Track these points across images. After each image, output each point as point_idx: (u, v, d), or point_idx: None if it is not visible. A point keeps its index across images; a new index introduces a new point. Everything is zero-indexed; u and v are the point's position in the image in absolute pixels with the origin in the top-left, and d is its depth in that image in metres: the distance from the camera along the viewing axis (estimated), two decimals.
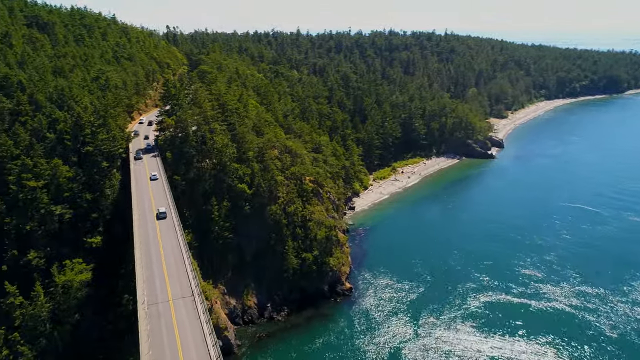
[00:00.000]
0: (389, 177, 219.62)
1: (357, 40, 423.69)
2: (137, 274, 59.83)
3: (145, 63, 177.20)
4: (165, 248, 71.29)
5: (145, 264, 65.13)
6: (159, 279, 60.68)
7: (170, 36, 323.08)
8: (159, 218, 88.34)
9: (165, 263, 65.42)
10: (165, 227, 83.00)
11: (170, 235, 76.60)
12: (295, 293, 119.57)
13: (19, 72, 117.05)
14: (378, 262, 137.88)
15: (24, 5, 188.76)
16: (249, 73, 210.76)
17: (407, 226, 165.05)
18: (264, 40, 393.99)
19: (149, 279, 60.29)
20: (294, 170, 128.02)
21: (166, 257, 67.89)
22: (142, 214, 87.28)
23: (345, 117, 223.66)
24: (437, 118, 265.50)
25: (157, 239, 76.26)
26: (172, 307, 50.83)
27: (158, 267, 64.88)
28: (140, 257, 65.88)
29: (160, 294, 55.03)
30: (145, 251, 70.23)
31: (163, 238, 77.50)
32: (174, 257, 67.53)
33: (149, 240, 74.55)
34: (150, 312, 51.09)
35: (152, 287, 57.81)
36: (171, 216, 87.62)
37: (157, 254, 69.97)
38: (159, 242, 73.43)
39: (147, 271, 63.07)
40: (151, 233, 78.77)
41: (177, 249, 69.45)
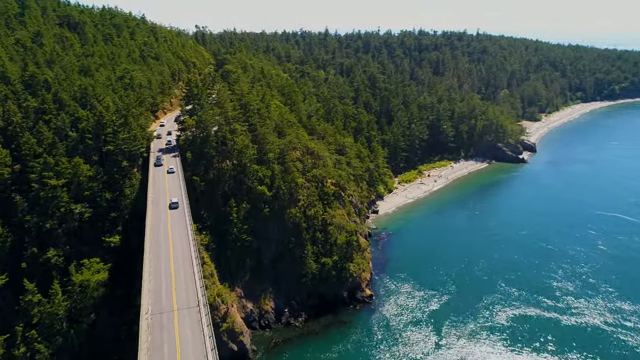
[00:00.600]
0: (414, 180, 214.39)
1: (386, 40, 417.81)
2: (145, 261, 58.81)
3: (171, 62, 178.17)
4: (175, 242, 69.90)
5: (154, 254, 64.16)
6: (165, 277, 60.80)
7: (199, 36, 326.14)
8: (171, 208, 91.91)
9: (173, 256, 64.00)
10: (176, 217, 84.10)
11: (181, 227, 75.20)
12: (314, 298, 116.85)
13: (46, 71, 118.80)
14: (400, 269, 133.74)
15: (57, 6, 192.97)
16: (274, 73, 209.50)
17: (431, 232, 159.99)
18: (292, 40, 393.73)
19: (155, 271, 60.08)
20: (316, 173, 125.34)
21: (174, 249, 66.68)
22: (155, 203, 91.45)
23: (371, 118, 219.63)
24: (466, 120, 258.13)
25: (167, 230, 77.00)
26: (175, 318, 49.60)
27: (165, 258, 65.59)
28: (150, 248, 65.05)
29: (165, 298, 54.14)
30: (155, 242, 69.54)
31: (173, 228, 78.30)
32: (181, 250, 65.83)
33: (159, 231, 74.01)
34: (153, 322, 49.83)
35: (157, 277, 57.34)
36: (183, 206, 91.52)
37: (165, 243, 69.39)
38: (168, 233, 72.53)
39: (155, 262, 62.09)
40: (163, 221, 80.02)
41: (186, 243, 67.73)
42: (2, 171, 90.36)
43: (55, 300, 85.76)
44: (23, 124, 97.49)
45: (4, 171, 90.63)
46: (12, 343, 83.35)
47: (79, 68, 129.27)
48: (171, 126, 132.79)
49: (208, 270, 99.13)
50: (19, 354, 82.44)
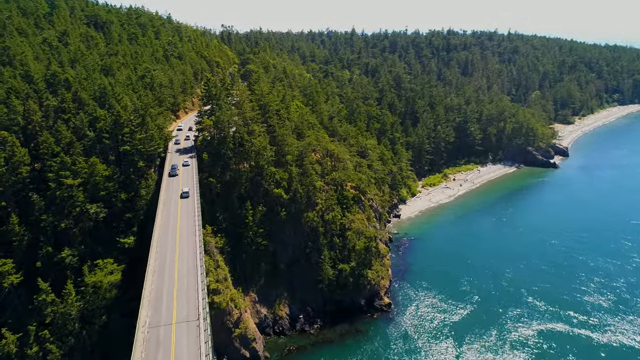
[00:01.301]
0: (439, 184, 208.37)
1: (414, 39, 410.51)
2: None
3: (194, 62, 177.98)
4: (182, 248, 68.18)
5: (159, 262, 62.68)
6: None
7: (225, 35, 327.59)
8: (182, 197, 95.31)
9: (179, 265, 62.23)
10: (186, 206, 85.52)
11: (190, 234, 73.58)
12: (330, 305, 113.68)
13: (68, 70, 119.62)
14: (421, 277, 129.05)
15: (85, 5, 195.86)
16: (297, 73, 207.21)
17: (455, 239, 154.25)
18: (318, 40, 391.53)
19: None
20: (335, 176, 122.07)
21: (180, 257, 64.96)
22: (168, 193, 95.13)
23: (395, 119, 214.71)
24: (494, 122, 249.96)
25: (175, 237, 76.95)
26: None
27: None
28: (155, 255, 63.56)
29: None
30: (161, 249, 68.13)
31: (182, 218, 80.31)
32: (187, 258, 63.93)
33: (167, 238, 72.84)
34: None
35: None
36: (193, 197, 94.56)
37: (172, 250, 67.97)
38: (176, 239, 70.99)
39: (159, 270, 60.57)
40: (171, 226, 80.00)
41: (192, 251, 65.89)
42: (20, 170, 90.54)
43: (69, 300, 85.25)
44: (43, 123, 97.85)
45: (22, 170, 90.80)
46: (25, 342, 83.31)
47: (101, 67, 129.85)
48: (189, 128, 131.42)
49: (222, 274, 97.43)
50: (31, 354, 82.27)
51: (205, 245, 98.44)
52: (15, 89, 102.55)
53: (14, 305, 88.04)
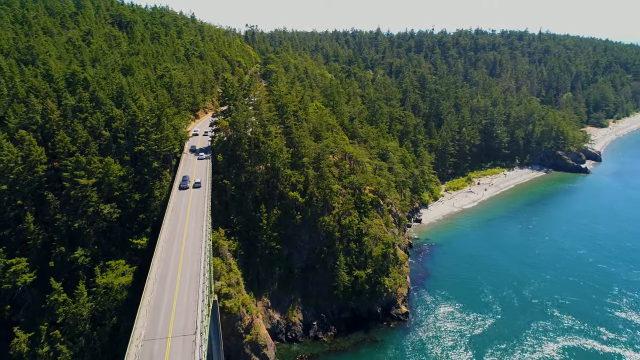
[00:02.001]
0: (462, 188, 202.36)
1: (440, 39, 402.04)
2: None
3: (216, 61, 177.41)
4: (186, 254, 66.43)
5: (162, 267, 60.99)
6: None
7: (249, 35, 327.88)
8: (194, 187, 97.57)
9: (181, 272, 60.44)
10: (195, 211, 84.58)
11: (196, 239, 71.63)
12: (345, 313, 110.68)
13: (89, 69, 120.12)
14: (441, 285, 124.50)
15: (110, 5, 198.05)
16: (318, 73, 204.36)
17: (478, 246, 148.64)
18: (342, 39, 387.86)
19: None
20: (353, 179, 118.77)
21: (184, 262, 63.34)
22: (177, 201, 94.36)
23: (418, 121, 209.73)
24: (523, 125, 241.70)
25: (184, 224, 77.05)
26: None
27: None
28: (159, 262, 61.94)
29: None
30: (166, 255, 66.67)
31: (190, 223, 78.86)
32: (191, 265, 62.08)
33: (172, 244, 71.25)
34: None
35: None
36: (205, 186, 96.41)
37: (176, 255, 66.48)
38: (182, 246, 69.22)
39: (161, 277, 58.87)
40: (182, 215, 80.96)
41: (197, 258, 63.97)
42: (37, 169, 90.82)
43: (80, 301, 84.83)
44: (60, 122, 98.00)
45: (39, 169, 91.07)
46: (37, 342, 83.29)
47: (121, 67, 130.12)
48: (204, 133, 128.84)
49: (234, 278, 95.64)
50: (42, 353, 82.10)
51: (218, 248, 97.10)
52: (35, 88, 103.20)
53: (27, 304, 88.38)
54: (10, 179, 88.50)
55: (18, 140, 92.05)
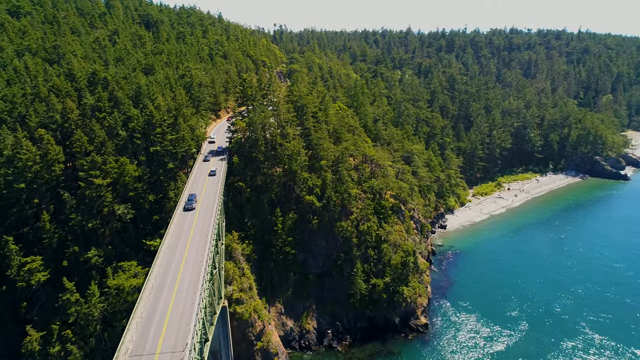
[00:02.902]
0: (491, 193, 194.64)
1: (472, 38, 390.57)
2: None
3: (240, 61, 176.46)
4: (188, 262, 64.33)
5: (160, 276, 59.21)
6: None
7: (277, 34, 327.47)
8: (210, 175, 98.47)
9: (179, 284, 58.41)
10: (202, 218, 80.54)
11: (200, 247, 69.22)
12: (361, 322, 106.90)
13: (111, 68, 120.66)
14: (464, 296, 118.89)
15: (139, 5, 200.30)
16: (343, 73, 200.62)
17: (506, 255, 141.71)
18: (371, 39, 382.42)
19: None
20: (373, 184, 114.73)
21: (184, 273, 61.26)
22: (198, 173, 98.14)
23: (446, 123, 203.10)
24: (558, 129, 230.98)
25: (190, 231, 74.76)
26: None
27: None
28: (158, 270, 60.10)
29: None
30: (167, 261, 64.77)
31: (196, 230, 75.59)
32: (191, 274, 59.85)
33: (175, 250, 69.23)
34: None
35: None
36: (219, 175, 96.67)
37: (178, 262, 64.45)
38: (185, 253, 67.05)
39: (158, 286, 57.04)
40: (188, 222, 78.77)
41: (197, 266, 61.74)
42: (54, 167, 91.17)
43: (92, 301, 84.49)
44: (79, 121, 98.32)
45: (56, 167, 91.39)
46: (49, 341, 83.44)
47: (144, 66, 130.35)
48: (222, 135, 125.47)
49: (246, 283, 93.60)
50: (53, 352, 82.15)
51: (231, 251, 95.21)
52: (57, 87, 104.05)
53: (41, 303, 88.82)
54: (28, 178, 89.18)
55: (37, 139, 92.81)
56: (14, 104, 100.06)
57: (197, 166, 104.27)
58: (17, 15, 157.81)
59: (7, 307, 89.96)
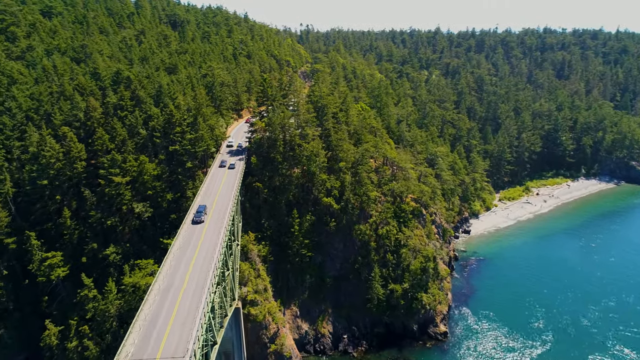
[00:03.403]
0: (519, 198, 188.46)
1: (504, 38, 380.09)
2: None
3: (263, 60, 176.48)
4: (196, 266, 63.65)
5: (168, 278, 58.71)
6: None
7: (304, 34, 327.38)
8: (229, 168, 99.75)
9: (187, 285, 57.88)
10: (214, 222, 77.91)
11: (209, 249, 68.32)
12: (378, 327, 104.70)
13: (135, 67, 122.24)
14: (486, 304, 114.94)
15: (166, 5, 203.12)
16: (367, 73, 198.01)
17: (532, 263, 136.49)
18: (398, 39, 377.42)
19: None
20: (393, 187, 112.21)
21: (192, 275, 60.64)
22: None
23: (473, 125, 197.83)
24: (591, 132, 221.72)
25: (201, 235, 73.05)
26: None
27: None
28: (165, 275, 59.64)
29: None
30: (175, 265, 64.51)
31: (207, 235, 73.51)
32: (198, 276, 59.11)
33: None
34: None
35: None
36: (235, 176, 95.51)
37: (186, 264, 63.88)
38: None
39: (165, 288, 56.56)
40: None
41: (206, 268, 60.80)
42: (76, 165, 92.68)
43: (109, 298, 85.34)
44: (101, 120, 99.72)
45: (78, 165, 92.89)
46: (66, 336, 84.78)
47: (167, 65, 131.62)
48: (242, 135, 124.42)
49: (262, 285, 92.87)
50: (70, 347, 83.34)
51: (247, 252, 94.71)
52: (81, 86, 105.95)
53: (60, 297, 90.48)
54: (51, 174, 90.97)
55: (60, 137, 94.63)
56: (40, 102, 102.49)
57: (215, 165, 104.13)
58: (49, 16, 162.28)
59: (30, 301, 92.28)
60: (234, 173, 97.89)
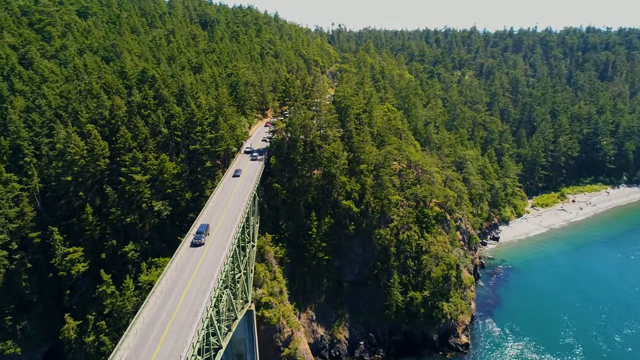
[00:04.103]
0: (553, 204, 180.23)
1: (543, 38, 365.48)
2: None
3: (291, 60, 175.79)
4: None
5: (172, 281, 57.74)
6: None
7: (335, 34, 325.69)
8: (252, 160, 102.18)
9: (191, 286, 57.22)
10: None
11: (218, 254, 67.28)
12: (397, 335, 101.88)
13: (162, 67, 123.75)
14: (513, 316, 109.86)
15: (198, 5, 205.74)
16: (396, 73, 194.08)
17: (564, 274, 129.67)
18: (432, 38, 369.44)
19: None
20: (416, 191, 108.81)
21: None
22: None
23: (505, 127, 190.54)
24: (635, 137, 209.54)
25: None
26: None
27: None
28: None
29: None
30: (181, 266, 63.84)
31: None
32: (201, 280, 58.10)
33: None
34: None
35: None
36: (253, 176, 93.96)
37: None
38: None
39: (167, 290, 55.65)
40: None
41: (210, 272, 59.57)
42: (99, 162, 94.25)
43: (126, 294, 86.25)
44: (125, 118, 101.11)
45: (101, 162, 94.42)
46: (84, 330, 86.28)
47: (194, 64, 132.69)
48: (263, 135, 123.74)
49: (277, 287, 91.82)
50: (88, 342, 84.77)
51: (264, 254, 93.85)
52: (108, 84, 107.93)
53: (80, 292, 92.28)
54: (75, 171, 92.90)
55: (85, 134, 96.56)
56: (68, 100, 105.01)
57: (236, 163, 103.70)
58: (84, 16, 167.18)
59: (53, 294, 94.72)
60: (252, 172, 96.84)
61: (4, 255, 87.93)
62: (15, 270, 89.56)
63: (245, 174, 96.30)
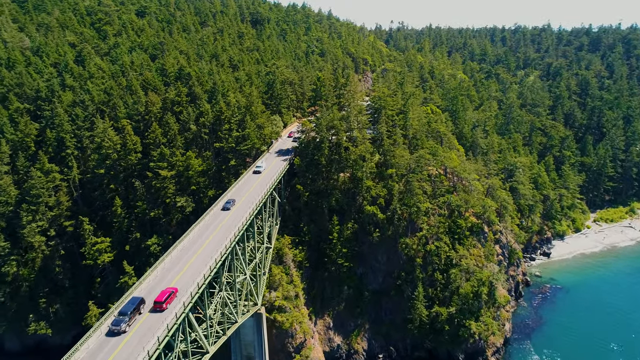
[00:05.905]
0: (620, 220, 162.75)
1: (625, 35, 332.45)
2: None
3: (337, 59, 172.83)
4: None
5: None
6: None
7: (394, 32, 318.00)
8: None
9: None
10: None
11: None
12: (419, 351, 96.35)
13: (201, 64, 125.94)
14: (553, 342, 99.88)
15: (251, 3, 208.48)
16: (448, 73, 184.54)
17: (620, 299, 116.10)
18: (498, 36, 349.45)
19: None
20: (449, 199, 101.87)
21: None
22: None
23: (568, 133, 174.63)
24: None
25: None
26: None
27: None
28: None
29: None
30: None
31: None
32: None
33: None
34: None
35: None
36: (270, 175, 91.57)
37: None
38: None
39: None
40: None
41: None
42: (130, 157, 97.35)
43: None
44: (158, 114, 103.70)
45: (132, 157, 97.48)
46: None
47: (235, 62, 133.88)
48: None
49: (293, 291, 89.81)
50: None
51: (282, 256, 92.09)
52: (147, 81, 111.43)
53: (107, 281, 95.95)
54: (107, 164, 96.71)
55: (120, 129, 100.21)
56: (110, 96, 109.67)
57: (260, 161, 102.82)
58: (142, 15, 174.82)
59: (84, 281, 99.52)
60: (273, 172, 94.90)
61: (42, 241, 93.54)
62: (50, 256, 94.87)
63: (266, 173, 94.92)
